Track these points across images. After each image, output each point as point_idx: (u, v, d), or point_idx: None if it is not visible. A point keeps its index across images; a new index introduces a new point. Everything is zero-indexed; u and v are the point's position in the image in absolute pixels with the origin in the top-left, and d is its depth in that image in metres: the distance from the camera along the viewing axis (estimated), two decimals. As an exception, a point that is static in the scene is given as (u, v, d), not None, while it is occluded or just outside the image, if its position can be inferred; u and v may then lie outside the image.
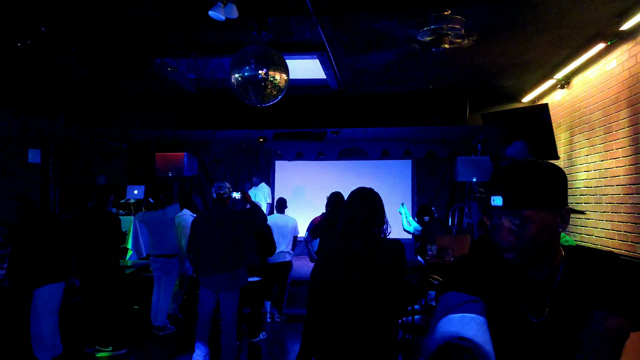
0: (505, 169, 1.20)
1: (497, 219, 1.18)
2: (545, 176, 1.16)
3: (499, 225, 1.18)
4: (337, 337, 2.14)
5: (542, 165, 1.18)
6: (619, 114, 3.94)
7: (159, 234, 5.71)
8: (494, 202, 1.17)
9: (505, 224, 1.16)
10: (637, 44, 3.66)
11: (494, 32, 3.84)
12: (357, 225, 2.17)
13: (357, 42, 4.12)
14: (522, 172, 1.17)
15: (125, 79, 5.51)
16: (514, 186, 1.15)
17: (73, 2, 3.35)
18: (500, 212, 1.17)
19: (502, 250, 1.19)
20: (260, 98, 3.66)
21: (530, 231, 1.15)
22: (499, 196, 1.16)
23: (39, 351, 4.18)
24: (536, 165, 1.18)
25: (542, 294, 1.21)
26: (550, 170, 1.18)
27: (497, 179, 1.19)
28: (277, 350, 5.35)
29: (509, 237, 1.16)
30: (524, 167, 1.18)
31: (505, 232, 1.17)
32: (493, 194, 1.17)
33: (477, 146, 8.02)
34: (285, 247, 6.13)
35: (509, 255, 1.18)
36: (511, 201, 1.15)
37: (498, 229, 1.18)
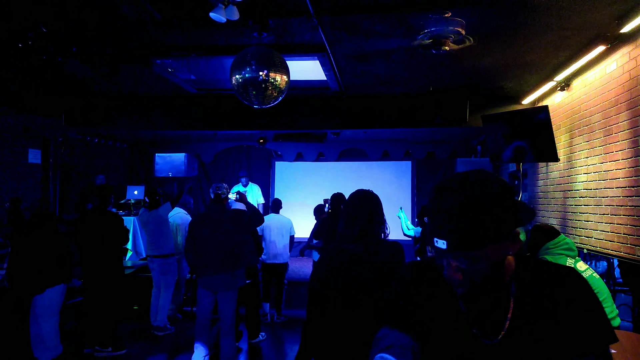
0: (444, 202, 1.04)
1: (443, 258, 1.07)
2: (491, 205, 1.01)
3: (446, 264, 1.07)
4: (337, 338, 2.14)
5: (487, 188, 1.03)
6: (618, 116, 3.94)
7: (155, 234, 5.71)
8: (437, 244, 1.05)
9: (453, 264, 1.06)
10: (637, 46, 3.67)
11: (494, 33, 3.84)
12: (356, 227, 2.17)
13: (357, 44, 4.13)
14: (465, 207, 1.01)
15: (125, 79, 5.51)
16: (456, 228, 1.01)
17: (74, 3, 3.36)
18: (445, 254, 1.05)
19: (453, 285, 1.10)
20: (261, 99, 3.66)
21: (480, 269, 1.04)
22: (442, 240, 1.03)
23: (39, 351, 4.18)
24: (479, 191, 1.02)
25: (496, 312, 1.12)
26: (497, 194, 1.03)
27: (436, 216, 1.05)
28: (276, 351, 5.35)
29: (457, 276, 1.06)
30: (466, 198, 1.01)
31: (453, 270, 1.06)
32: (435, 236, 1.05)
33: (477, 147, 8.04)
34: (283, 248, 6.14)
35: (460, 290, 1.09)
36: (456, 245, 1.02)
37: (446, 267, 1.08)
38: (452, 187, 1.05)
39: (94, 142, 8.12)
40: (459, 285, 1.08)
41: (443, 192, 1.06)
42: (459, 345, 1.14)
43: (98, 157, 8.26)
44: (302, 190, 9.63)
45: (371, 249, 2.16)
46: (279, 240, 6.10)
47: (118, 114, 6.72)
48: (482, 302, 1.13)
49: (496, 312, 1.12)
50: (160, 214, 5.72)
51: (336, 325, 2.15)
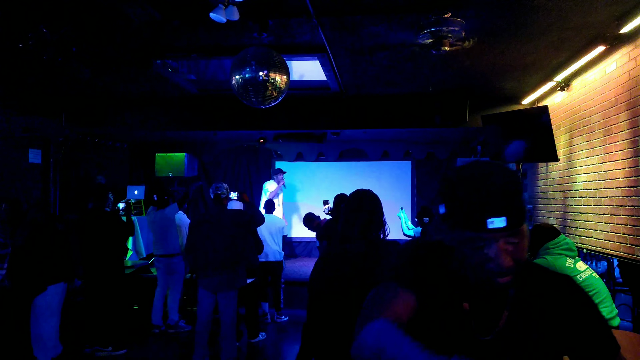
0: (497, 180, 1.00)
1: (491, 243, 1.01)
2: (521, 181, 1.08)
3: (495, 250, 1.01)
4: (337, 338, 2.15)
5: (510, 169, 1.06)
6: (618, 116, 3.95)
7: (161, 234, 5.73)
8: (494, 224, 0.98)
9: (503, 247, 1.01)
10: (637, 46, 3.67)
11: (494, 34, 3.85)
12: (356, 226, 2.18)
13: (357, 44, 4.14)
14: (513, 182, 1.01)
15: (126, 79, 5.52)
16: (514, 201, 0.99)
17: (74, 4, 3.36)
18: (499, 235, 1.00)
19: (498, 276, 1.03)
20: (261, 99, 3.67)
21: (524, 246, 1.04)
22: (501, 217, 0.98)
23: (39, 351, 4.18)
24: (510, 170, 1.06)
25: (493, 309, 1.12)
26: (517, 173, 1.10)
27: (486, 195, 0.99)
28: (277, 351, 5.36)
29: (509, 261, 1.01)
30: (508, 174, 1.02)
31: (504, 255, 1.01)
32: (491, 215, 0.98)
33: (477, 148, 8.04)
34: (274, 247, 6.15)
35: (504, 279, 1.04)
36: (515, 220, 0.99)
37: (495, 255, 1.01)
38: (490, 168, 1.03)
39: (95, 142, 8.12)
40: (506, 273, 1.02)
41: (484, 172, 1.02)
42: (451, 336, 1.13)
43: (98, 157, 8.26)
44: (302, 190, 9.64)
45: (371, 248, 2.17)
46: (270, 239, 6.12)
47: (118, 114, 6.73)
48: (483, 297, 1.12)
49: (494, 308, 1.12)
50: (166, 213, 5.75)
51: (336, 326, 2.15)
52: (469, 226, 1.01)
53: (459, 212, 1.02)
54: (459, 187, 1.03)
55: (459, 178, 1.04)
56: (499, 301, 1.12)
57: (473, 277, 1.07)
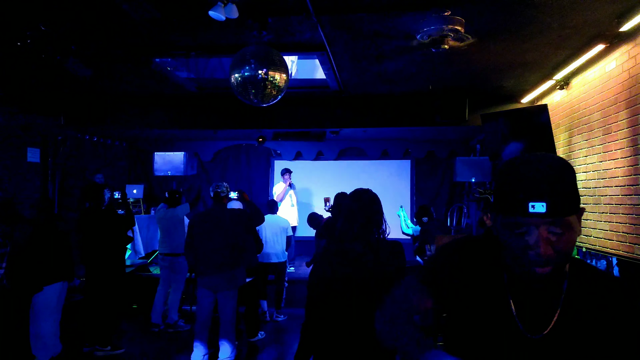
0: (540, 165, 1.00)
1: (532, 230, 1.00)
2: (572, 170, 1.02)
3: (536, 237, 1.00)
4: (336, 337, 2.14)
5: (561, 159, 1.04)
6: (618, 115, 3.94)
7: (169, 232, 5.73)
8: (534, 209, 0.97)
9: (544, 235, 0.99)
10: (636, 45, 3.67)
11: (494, 32, 3.84)
12: (356, 226, 2.17)
13: (357, 43, 4.13)
14: (560, 170, 0.99)
15: (125, 78, 5.51)
16: (556, 187, 0.97)
17: (73, 2, 3.35)
18: (540, 222, 0.98)
19: (537, 265, 1.01)
20: (260, 98, 3.66)
21: (570, 240, 1.01)
22: (541, 202, 0.96)
23: (37, 350, 4.18)
24: (560, 160, 1.03)
25: (544, 307, 1.08)
26: (570, 164, 1.03)
27: (529, 181, 0.98)
28: (276, 350, 5.36)
29: (549, 250, 1.00)
30: (555, 162, 1.00)
31: (544, 244, 0.99)
32: (532, 199, 0.97)
33: (476, 146, 8.04)
34: (277, 248, 6.13)
35: (544, 270, 1.01)
36: (556, 207, 0.97)
37: (534, 243, 1.00)
38: (540, 157, 1.02)
39: (93, 140, 8.11)
40: (544, 264, 1.00)
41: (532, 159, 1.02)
42: (497, 334, 1.10)
43: (97, 155, 8.25)
44: (301, 189, 9.62)
45: (370, 248, 2.16)
46: (273, 240, 6.10)
47: (117, 112, 6.71)
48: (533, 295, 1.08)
49: (545, 306, 1.08)
50: (177, 212, 5.76)
51: (335, 324, 2.15)
52: (511, 210, 1.00)
53: (503, 196, 1.02)
54: (504, 173, 1.04)
55: (507, 165, 1.05)
56: (550, 299, 1.08)
57: (513, 266, 1.06)
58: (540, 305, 1.09)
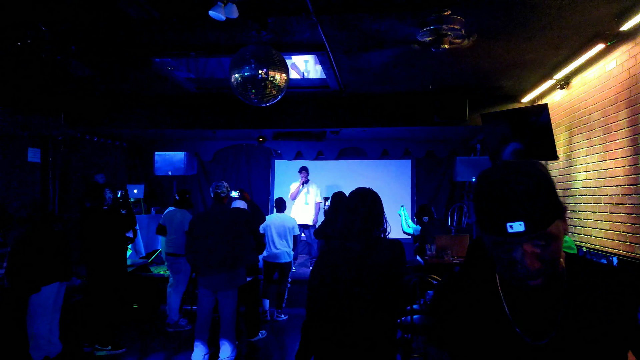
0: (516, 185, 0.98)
1: (515, 248, 1.00)
2: (548, 179, 1.01)
3: (521, 254, 1.00)
4: (336, 336, 2.14)
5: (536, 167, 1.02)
6: (618, 114, 3.94)
7: (175, 233, 5.74)
8: (513, 229, 0.96)
9: (529, 250, 0.99)
10: (636, 44, 3.67)
11: (493, 32, 3.84)
12: (356, 225, 2.17)
13: (356, 42, 4.13)
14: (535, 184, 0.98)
15: (125, 78, 5.51)
16: (536, 206, 0.96)
17: (73, 2, 3.35)
18: (522, 239, 0.98)
19: (527, 278, 1.01)
20: (260, 98, 3.66)
21: (556, 247, 1.00)
22: (519, 222, 0.96)
23: (33, 349, 4.20)
24: (541, 172, 1.01)
25: (544, 312, 1.06)
26: (545, 170, 1.03)
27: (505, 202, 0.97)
28: (277, 349, 5.36)
29: (536, 264, 0.99)
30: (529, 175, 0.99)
31: (530, 258, 0.99)
32: (509, 220, 0.96)
33: (477, 146, 8.04)
34: (284, 247, 6.13)
35: (535, 282, 1.01)
36: (535, 223, 0.96)
37: (520, 258, 1.00)
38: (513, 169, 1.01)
39: (94, 140, 8.11)
40: (535, 276, 1.00)
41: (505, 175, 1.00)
42: (499, 346, 1.08)
43: (97, 155, 8.26)
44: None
45: (370, 247, 2.16)
46: (278, 240, 6.09)
47: (117, 112, 6.72)
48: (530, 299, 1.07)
49: (545, 311, 1.06)
50: (185, 215, 5.76)
51: (336, 324, 2.15)
52: (493, 231, 1.00)
53: (482, 216, 1.02)
54: (481, 191, 1.03)
55: (482, 181, 1.04)
56: (549, 302, 1.06)
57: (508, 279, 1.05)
58: (540, 310, 1.07)
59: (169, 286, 5.93)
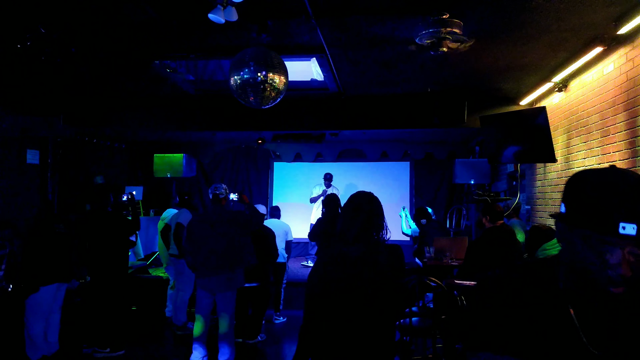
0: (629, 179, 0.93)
1: (614, 250, 0.94)
2: None
3: (618, 258, 0.93)
4: (335, 339, 2.15)
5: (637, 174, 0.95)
6: (616, 117, 3.96)
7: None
8: (625, 230, 0.90)
9: (627, 257, 0.93)
10: (634, 47, 3.68)
11: (492, 35, 3.85)
12: (355, 229, 2.17)
13: (356, 45, 4.14)
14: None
15: (124, 80, 5.52)
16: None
17: (73, 4, 3.36)
18: (626, 243, 0.92)
19: (611, 284, 0.96)
20: (259, 100, 3.67)
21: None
22: (633, 224, 0.89)
23: (29, 349, 4.20)
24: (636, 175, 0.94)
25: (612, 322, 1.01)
26: None
27: (624, 196, 0.91)
28: (275, 352, 5.36)
29: (628, 272, 0.93)
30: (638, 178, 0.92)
31: (626, 266, 0.93)
32: (624, 220, 0.90)
33: (475, 148, 8.05)
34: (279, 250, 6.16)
35: (618, 289, 0.96)
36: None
37: (615, 262, 0.94)
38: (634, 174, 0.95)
39: (93, 142, 8.11)
40: (620, 284, 0.94)
41: (625, 172, 0.94)
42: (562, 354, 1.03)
43: (97, 157, 8.26)
44: (300, 191, 9.63)
45: (369, 251, 2.16)
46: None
47: (117, 114, 6.72)
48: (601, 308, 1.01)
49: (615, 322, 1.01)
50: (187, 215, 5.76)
51: (333, 327, 2.15)
52: (597, 227, 0.93)
53: (588, 209, 0.95)
54: (590, 185, 0.97)
55: (591, 176, 0.98)
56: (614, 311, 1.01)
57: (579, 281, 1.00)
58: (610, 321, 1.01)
59: (170, 288, 5.93)
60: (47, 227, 4.43)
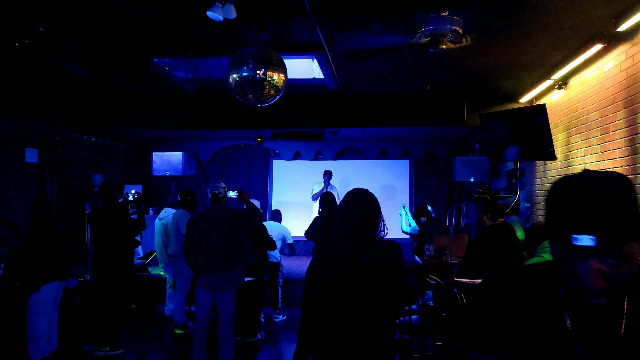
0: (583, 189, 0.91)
1: (581, 263, 0.92)
2: (631, 194, 0.91)
3: (585, 270, 0.91)
4: (334, 337, 2.14)
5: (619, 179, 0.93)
6: (615, 114, 3.95)
7: (175, 234, 5.73)
8: (580, 242, 0.89)
9: (595, 267, 0.90)
10: (634, 45, 3.67)
11: (492, 32, 3.84)
12: (352, 226, 2.16)
13: (355, 43, 4.13)
14: (612, 193, 0.89)
15: (123, 78, 5.50)
16: (611, 219, 0.88)
17: (71, 2, 3.35)
18: (590, 254, 0.90)
19: (589, 297, 0.94)
20: (259, 98, 3.66)
21: (628, 269, 0.91)
22: (587, 235, 0.88)
23: (31, 348, 4.20)
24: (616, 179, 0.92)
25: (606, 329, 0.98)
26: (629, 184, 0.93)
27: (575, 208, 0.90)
28: (275, 350, 5.36)
29: (600, 283, 0.91)
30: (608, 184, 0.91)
31: (595, 277, 0.91)
32: (576, 231, 0.89)
33: (475, 146, 8.05)
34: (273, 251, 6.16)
35: (600, 301, 0.94)
36: (609, 239, 0.88)
37: (584, 275, 0.92)
38: (593, 176, 0.93)
39: (92, 141, 8.10)
40: (597, 295, 0.93)
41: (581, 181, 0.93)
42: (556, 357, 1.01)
43: (96, 156, 8.25)
44: (299, 189, 9.62)
45: (365, 249, 2.15)
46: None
47: (115, 113, 6.71)
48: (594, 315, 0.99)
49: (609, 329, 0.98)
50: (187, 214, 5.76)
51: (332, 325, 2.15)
52: (556, 240, 0.94)
53: (548, 223, 0.96)
54: (551, 195, 0.96)
55: (555, 186, 0.97)
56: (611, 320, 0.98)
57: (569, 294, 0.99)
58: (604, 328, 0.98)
59: (169, 287, 5.92)
60: (47, 225, 4.42)
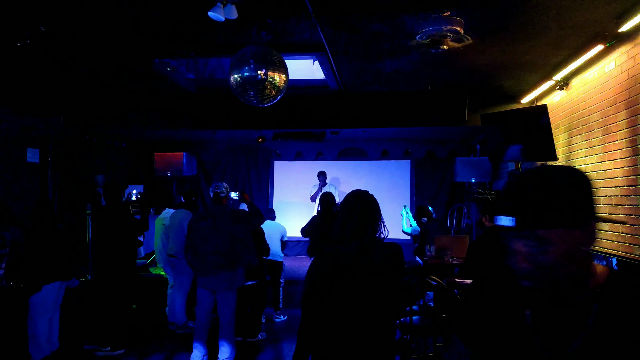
0: (516, 180, 1.02)
1: (511, 242, 1.00)
2: (564, 185, 0.97)
3: (512, 249, 1.00)
4: (334, 338, 2.14)
5: (559, 172, 1.01)
6: (617, 115, 3.95)
7: (176, 234, 5.73)
8: (500, 221, 0.98)
9: (519, 248, 0.98)
10: (635, 45, 3.67)
11: (493, 33, 3.84)
12: (351, 228, 2.16)
13: (356, 43, 4.13)
14: (534, 183, 0.98)
15: (124, 78, 5.51)
16: (524, 201, 0.96)
17: (72, 2, 3.35)
18: (514, 234, 0.98)
19: (519, 278, 1.00)
20: (260, 98, 3.66)
21: (549, 258, 0.95)
22: (507, 215, 0.96)
23: (33, 348, 4.21)
24: (552, 173, 1.00)
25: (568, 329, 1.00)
26: (571, 177, 1.00)
27: (506, 194, 1.01)
28: (275, 350, 5.36)
29: (523, 264, 0.98)
30: (536, 176, 0.99)
31: (519, 257, 0.98)
32: (502, 213, 0.98)
33: (476, 147, 8.04)
34: (276, 248, 6.18)
35: (525, 282, 1.00)
36: (525, 221, 0.95)
37: (511, 254, 1.00)
38: (536, 171, 1.01)
39: (93, 141, 8.11)
40: (524, 277, 0.99)
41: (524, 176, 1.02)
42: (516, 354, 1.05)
43: (97, 156, 8.25)
44: (301, 189, 9.62)
45: (365, 250, 2.15)
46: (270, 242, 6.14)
47: (117, 113, 6.71)
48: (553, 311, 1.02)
49: (569, 325, 1.00)
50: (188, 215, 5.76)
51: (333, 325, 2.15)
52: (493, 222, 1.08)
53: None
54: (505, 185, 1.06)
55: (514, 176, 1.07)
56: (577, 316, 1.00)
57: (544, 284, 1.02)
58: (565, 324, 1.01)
59: (170, 288, 5.93)
60: (48, 225, 4.43)
